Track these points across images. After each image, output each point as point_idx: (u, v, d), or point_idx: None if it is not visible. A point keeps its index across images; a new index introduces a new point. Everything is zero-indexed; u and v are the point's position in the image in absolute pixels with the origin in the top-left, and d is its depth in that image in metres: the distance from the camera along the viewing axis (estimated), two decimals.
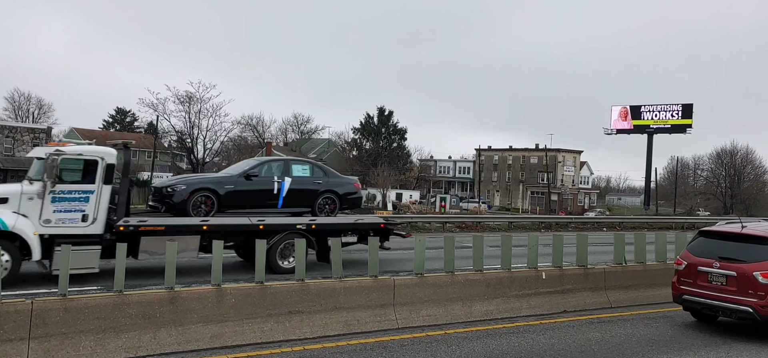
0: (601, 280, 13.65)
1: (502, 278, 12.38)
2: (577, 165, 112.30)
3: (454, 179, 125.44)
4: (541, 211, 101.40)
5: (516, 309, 12.22)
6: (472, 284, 11.93)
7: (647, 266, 14.66)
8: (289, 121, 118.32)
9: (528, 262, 13.06)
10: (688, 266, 11.80)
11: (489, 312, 11.87)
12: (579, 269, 13.53)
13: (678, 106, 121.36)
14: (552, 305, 12.71)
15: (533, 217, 47.79)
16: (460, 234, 31.91)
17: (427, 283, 11.38)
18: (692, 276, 11.65)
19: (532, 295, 12.58)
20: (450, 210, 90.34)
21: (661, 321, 12.47)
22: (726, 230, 12.15)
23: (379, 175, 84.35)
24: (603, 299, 13.46)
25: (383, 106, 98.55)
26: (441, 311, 11.33)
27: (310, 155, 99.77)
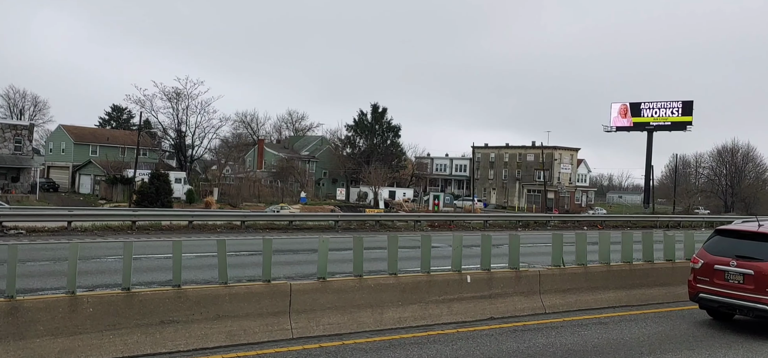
0: (536, 283, 12.74)
1: (420, 282, 11.48)
2: (574, 163, 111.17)
3: (451, 177, 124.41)
4: (537, 209, 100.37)
5: (434, 316, 11.32)
6: (384, 288, 11.04)
7: (610, 267, 13.86)
8: (283, 119, 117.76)
9: (452, 264, 12.17)
10: (705, 264, 11.76)
11: (402, 319, 10.97)
12: (511, 271, 12.62)
13: (678, 103, 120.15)
14: (477, 312, 11.81)
15: (511, 215, 46.90)
16: (434, 234, 30.97)
17: (330, 288, 10.50)
18: (709, 274, 11.62)
19: (454, 300, 11.68)
20: (443, 208, 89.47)
21: (593, 328, 11.56)
22: (743, 228, 12.20)
23: (371, 173, 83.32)
24: (536, 305, 12.55)
25: (377, 103, 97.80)
26: (346, 319, 10.45)
27: (302, 153, 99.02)
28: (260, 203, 71.41)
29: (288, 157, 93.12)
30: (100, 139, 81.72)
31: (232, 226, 27.86)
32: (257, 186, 79.56)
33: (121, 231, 25.00)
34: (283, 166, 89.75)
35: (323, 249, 10.68)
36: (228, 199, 71.02)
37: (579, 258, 13.64)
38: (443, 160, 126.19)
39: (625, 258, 14.31)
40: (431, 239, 12.59)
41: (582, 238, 13.56)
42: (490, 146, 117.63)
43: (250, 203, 71.56)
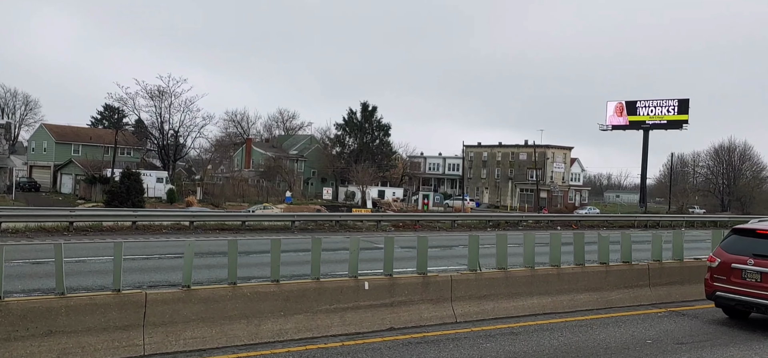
0: (447, 290, 11.69)
1: (308, 290, 10.43)
2: (567, 162, 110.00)
3: (444, 176, 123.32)
4: (529, 208, 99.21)
5: (323, 327, 10.28)
6: (263, 297, 9.99)
7: (534, 271, 12.83)
8: (274, 118, 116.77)
9: (349, 269, 11.13)
10: (722, 263, 11.86)
11: (283, 332, 9.93)
12: (418, 277, 11.57)
13: (674, 101, 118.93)
14: (375, 322, 10.76)
15: (481, 215, 45.84)
16: (398, 234, 29.94)
17: (196, 297, 9.45)
18: (725, 273, 11.73)
19: (348, 309, 10.64)
20: (433, 208, 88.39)
21: (500, 340, 10.50)
22: (760, 227, 12.22)
23: (359, 172, 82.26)
24: (446, 313, 11.50)
25: (367, 102, 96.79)
26: (215, 332, 9.40)
27: (291, 152, 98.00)
28: (244, 203, 70.46)
29: (275, 156, 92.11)
30: (82, 138, 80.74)
31: (180, 226, 26.81)
32: (242, 186, 78.60)
33: (56, 233, 23.98)
34: (270, 166, 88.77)
35: (189, 254, 9.64)
36: (211, 199, 70.06)
37: (499, 262, 12.60)
38: (436, 159, 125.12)
39: (554, 262, 13.28)
40: (359, 241, 11.59)
41: (474, 241, 12.47)
42: (484, 145, 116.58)
43: (233, 202, 70.59)
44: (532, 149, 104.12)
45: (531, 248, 12.97)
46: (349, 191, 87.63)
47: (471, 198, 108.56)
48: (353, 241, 11.30)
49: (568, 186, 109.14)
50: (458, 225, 35.85)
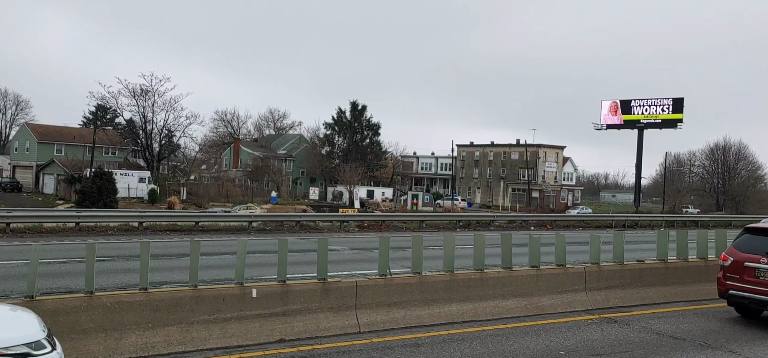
0: (351, 297, 10.72)
1: (182, 299, 9.45)
2: (559, 161, 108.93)
3: (436, 176, 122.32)
4: (521, 208, 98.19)
5: (199, 340, 9.30)
6: (126, 307, 9.01)
7: (454, 276, 11.87)
8: (265, 117, 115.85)
9: (235, 275, 10.16)
10: (735, 262, 11.92)
11: (150, 346, 8.96)
12: (316, 283, 10.60)
13: (668, 100, 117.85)
14: (263, 333, 9.79)
15: (452, 215, 44.73)
16: (360, 235, 28.96)
17: (41, 308, 8.47)
18: (738, 272, 11.79)
19: (231, 320, 9.66)
20: (423, 208, 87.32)
21: (401, 351, 9.52)
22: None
23: (346, 172, 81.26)
24: (349, 322, 10.53)
25: (356, 101, 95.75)
26: (66, 347, 8.41)
27: (279, 152, 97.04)
28: (228, 203, 69.52)
29: (263, 156, 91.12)
30: (65, 137, 79.79)
31: (128, 227, 25.85)
32: (228, 186, 77.62)
33: None
34: (257, 166, 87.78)
35: (34, 260, 8.66)
36: (195, 199, 69.12)
37: (415, 266, 11.62)
38: (429, 158, 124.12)
39: (478, 266, 12.31)
40: (287, 242, 10.68)
41: (385, 242, 11.51)
42: (476, 145, 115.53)
43: (217, 202, 69.64)
44: (523, 149, 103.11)
45: (451, 250, 12.00)
46: (337, 191, 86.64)
47: (463, 198, 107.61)
48: (241, 243, 10.32)
49: (561, 186, 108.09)
50: (427, 225, 34.85)
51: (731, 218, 65.80)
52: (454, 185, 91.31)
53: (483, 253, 12.31)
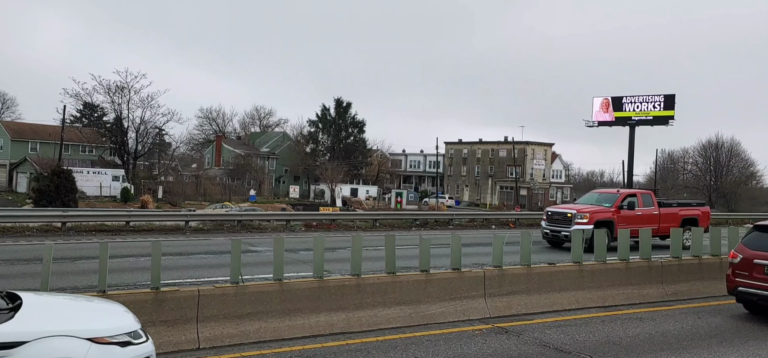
0: (191, 308, 9.42)
1: None
2: (548, 158, 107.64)
3: (425, 174, 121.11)
4: (508, 206, 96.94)
5: None
6: None
7: (323, 282, 10.69)
8: (250, 115, 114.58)
9: (41, 285, 8.85)
10: (744, 259, 11.97)
11: None
12: (146, 292, 9.31)
13: (660, 97, 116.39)
14: None
15: (407, 213, 43.37)
16: (304, 235, 27.64)
17: None
18: (748, 269, 11.85)
19: None
20: (407, 206, 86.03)
21: None
22: None
23: (328, 170, 79.96)
24: (187, 337, 9.23)
25: (340, 98, 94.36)
26: None
27: (262, 150, 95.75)
28: (204, 202, 68.27)
29: (245, 153, 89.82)
30: (40, 135, 78.46)
31: (50, 228, 24.52)
32: (207, 184, 76.32)
33: None
34: (239, 164, 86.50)
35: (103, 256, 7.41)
36: (170, 198, 67.86)
37: (276, 273, 10.32)
38: (417, 156, 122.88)
39: (389, 268, 11.09)
40: (52, 247, 9.54)
41: (236, 245, 10.23)
42: (464, 142, 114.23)
43: (194, 201, 68.38)
44: (511, 146, 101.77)
45: (320, 254, 10.68)
46: (319, 189, 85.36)
47: (450, 196, 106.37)
48: (46, 248, 9.00)
49: (550, 183, 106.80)
50: (381, 224, 33.46)
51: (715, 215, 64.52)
52: (437, 183, 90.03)
53: (360, 257, 11.01)
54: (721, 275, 14.07)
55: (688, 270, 14.59)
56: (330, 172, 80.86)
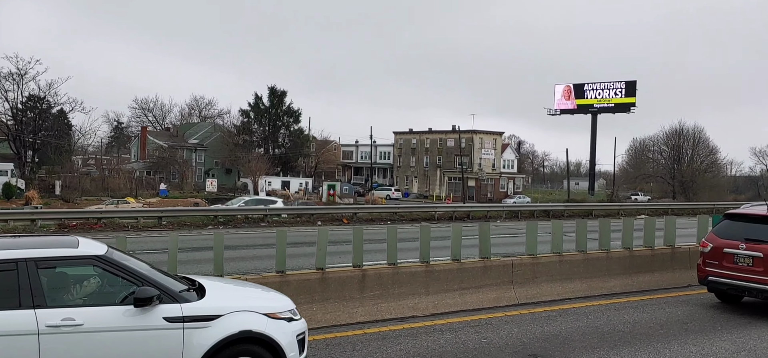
0: None
1: None
2: (498, 148, 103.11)
3: (375, 165, 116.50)
4: (455, 198, 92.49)
5: None
6: None
7: None
8: (191, 105, 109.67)
9: None
10: (714, 248, 12.01)
11: None
12: None
13: (621, 83, 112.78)
14: None
15: (291, 209, 39.77)
16: None
17: None
18: (718, 258, 11.89)
19: None
20: (340, 200, 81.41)
21: None
22: (752, 212, 12.32)
23: (250, 161, 75.23)
24: None
25: (275, 86, 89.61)
26: None
27: (191, 141, 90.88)
28: (105, 198, 63.42)
29: (169, 145, 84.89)
30: None
31: None
32: (119, 178, 71.34)
33: None
34: (161, 156, 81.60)
35: None
36: (68, 193, 63.06)
37: None
38: (367, 147, 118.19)
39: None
40: None
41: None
42: (415, 131, 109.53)
43: (94, 197, 63.58)
44: (457, 135, 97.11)
45: None
46: (241, 182, 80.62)
47: (397, 188, 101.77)
48: None
49: (500, 173, 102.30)
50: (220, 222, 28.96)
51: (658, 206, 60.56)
52: (370, 175, 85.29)
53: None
54: None
55: None
56: (253, 164, 76.18)
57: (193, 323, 6.33)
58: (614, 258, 13.90)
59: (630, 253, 14.13)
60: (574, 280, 13.04)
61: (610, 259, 13.83)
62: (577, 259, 13.38)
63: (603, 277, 13.48)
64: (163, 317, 6.26)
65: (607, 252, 13.86)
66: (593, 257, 13.55)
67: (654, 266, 14.38)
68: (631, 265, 14.00)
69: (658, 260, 14.46)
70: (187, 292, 6.71)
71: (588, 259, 13.47)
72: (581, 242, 13.71)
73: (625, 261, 13.98)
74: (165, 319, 6.26)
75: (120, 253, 6.93)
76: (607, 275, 13.59)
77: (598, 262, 13.59)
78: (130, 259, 6.85)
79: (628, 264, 13.97)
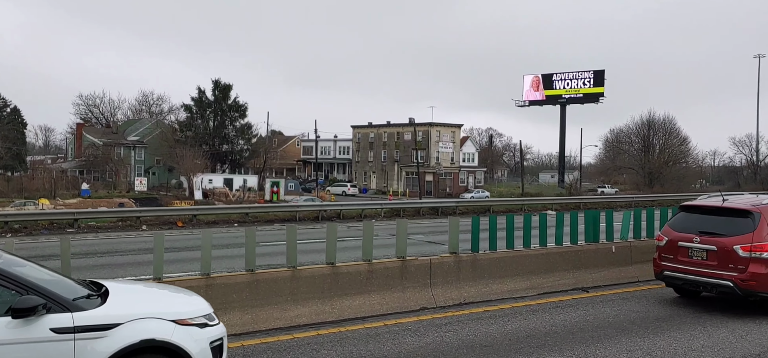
0: None
1: None
2: (456, 141, 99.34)
3: (335, 161, 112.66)
4: (411, 194, 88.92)
5: None
6: None
7: None
8: (142, 102, 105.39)
9: None
10: (669, 241, 11.55)
11: None
12: None
13: (590, 73, 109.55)
14: None
15: (218, 208, 36.06)
16: None
17: None
18: (673, 251, 11.43)
19: None
20: (285, 197, 77.51)
21: None
22: (707, 203, 11.88)
23: (185, 158, 71.20)
24: None
25: (219, 79, 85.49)
26: None
27: (131, 138, 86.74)
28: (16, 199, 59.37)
29: (105, 142, 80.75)
30: None
31: None
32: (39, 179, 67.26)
33: None
34: (96, 154, 77.52)
35: None
36: None
37: None
38: (328, 142, 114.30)
39: None
40: None
41: None
42: (374, 125, 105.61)
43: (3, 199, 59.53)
44: (416, 128, 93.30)
45: None
46: (177, 181, 76.61)
47: (353, 183, 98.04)
48: None
49: (459, 167, 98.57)
50: None
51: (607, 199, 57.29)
52: (316, 171, 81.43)
53: None
54: None
55: None
56: (188, 161, 72.16)
57: (86, 333, 5.85)
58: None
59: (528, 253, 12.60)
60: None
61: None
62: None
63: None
64: (50, 328, 5.77)
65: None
66: None
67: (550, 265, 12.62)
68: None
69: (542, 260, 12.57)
70: (86, 299, 6.27)
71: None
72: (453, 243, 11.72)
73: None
74: (53, 330, 5.77)
75: (8, 257, 6.39)
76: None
77: None
78: (18, 264, 6.31)
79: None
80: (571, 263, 12.46)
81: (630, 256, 13.25)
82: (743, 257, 10.39)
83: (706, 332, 9.56)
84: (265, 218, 32.20)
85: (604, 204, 47.41)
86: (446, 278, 11.11)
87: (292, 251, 9.88)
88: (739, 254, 10.44)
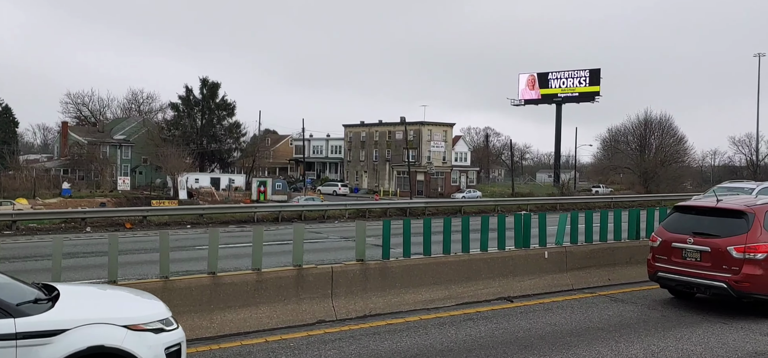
0: None
1: None
2: (448, 140, 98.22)
3: (327, 160, 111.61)
4: (402, 194, 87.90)
5: None
6: None
7: None
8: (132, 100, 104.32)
9: None
10: (663, 242, 11.43)
11: None
12: None
13: (585, 72, 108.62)
14: None
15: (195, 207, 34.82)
16: None
17: None
18: (666, 253, 11.31)
19: None
20: (272, 197, 76.57)
21: None
22: (701, 204, 11.89)
23: (170, 158, 70.22)
24: None
25: (206, 77, 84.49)
26: None
27: (117, 137, 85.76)
28: None
29: (90, 141, 79.75)
30: None
31: None
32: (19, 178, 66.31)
33: None
34: (77, 153, 76.53)
35: None
36: None
37: None
38: (320, 141, 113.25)
39: None
40: None
41: None
42: (365, 124, 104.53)
43: None
44: (408, 127, 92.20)
45: None
46: (162, 180, 75.62)
47: (344, 183, 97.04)
48: None
49: (451, 167, 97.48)
50: None
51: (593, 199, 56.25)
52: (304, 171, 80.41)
53: None
54: None
55: None
56: (173, 160, 71.20)
57: (29, 339, 5.54)
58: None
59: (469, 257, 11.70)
60: None
61: None
62: None
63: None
64: None
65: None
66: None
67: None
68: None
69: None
70: (33, 304, 5.96)
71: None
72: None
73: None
74: None
75: None
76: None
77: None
78: None
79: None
80: (496, 271, 11.40)
81: (565, 262, 12.19)
82: (737, 258, 10.23)
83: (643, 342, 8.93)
84: (220, 219, 31.11)
85: (582, 205, 46.13)
86: (350, 288, 10.07)
87: (165, 260, 8.86)
88: (732, 255, 10.27)
